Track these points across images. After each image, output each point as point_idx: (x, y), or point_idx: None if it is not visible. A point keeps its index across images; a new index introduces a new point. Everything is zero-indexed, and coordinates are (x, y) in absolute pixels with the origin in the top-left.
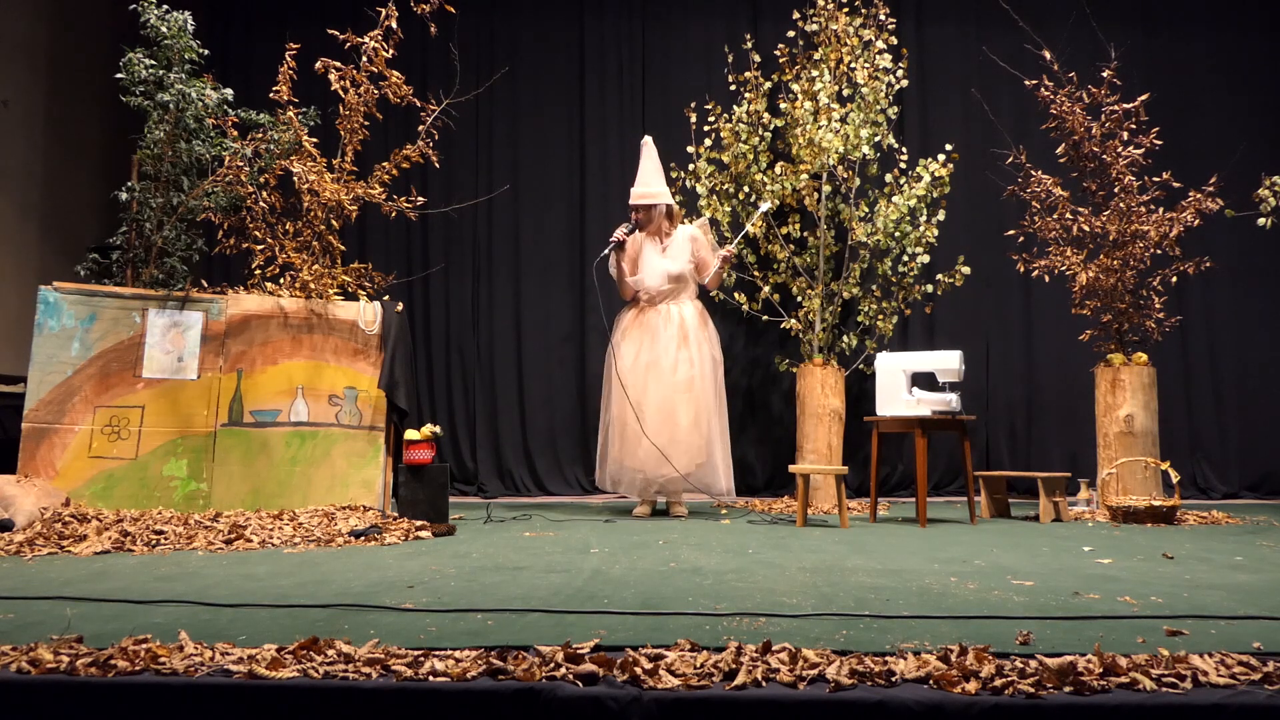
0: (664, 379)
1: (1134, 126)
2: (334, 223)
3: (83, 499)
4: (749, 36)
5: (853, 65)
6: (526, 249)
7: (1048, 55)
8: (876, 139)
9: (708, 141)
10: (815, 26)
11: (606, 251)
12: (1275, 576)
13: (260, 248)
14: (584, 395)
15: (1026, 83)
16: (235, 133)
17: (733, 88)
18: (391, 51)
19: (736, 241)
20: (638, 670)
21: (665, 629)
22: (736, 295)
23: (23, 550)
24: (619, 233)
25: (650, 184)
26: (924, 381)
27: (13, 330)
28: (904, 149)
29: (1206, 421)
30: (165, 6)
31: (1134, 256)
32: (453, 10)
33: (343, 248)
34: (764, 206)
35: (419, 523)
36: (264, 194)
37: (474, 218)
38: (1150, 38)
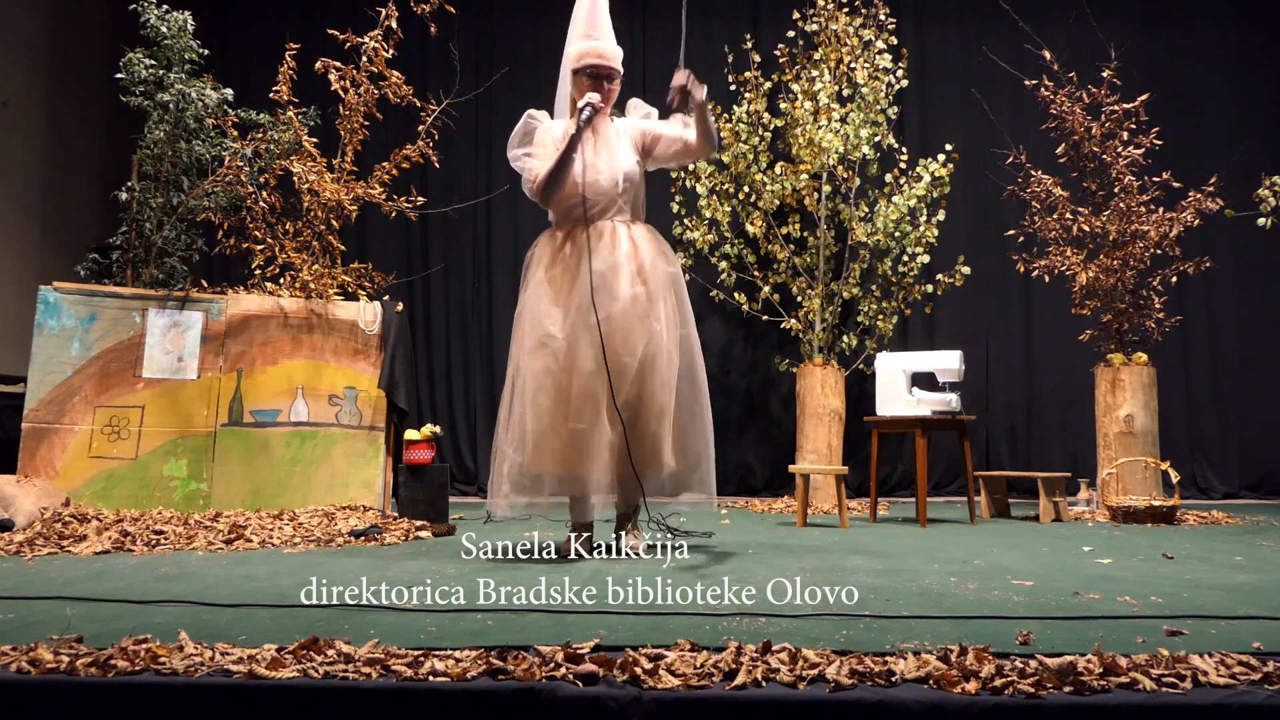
0: (623, 329)
1: (1134, 126)
2: (334, 223)
3: (83, 499)
4: (749, 36)
5: (853, 65)
6: (526, 249)
7: (1048, 55)
8: (876, 139)
9: None
10: (815, 26)
11: (586, 117)
12: (1275, 576)
13: (260, 248)
14: None
15: (1026, 83)
16: (235, 133)
17: (733, 88)
18: (391, 51)
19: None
20: (638, 670)
21: (665, 629)
22: (736, 295)
23: (23, 550)
24: (594, 99)
25: (614, 44)
26: (924, 381)
27: (13, 330)
28: (904, 149)
29: (1206, 421)
30: (165, 6)
31: (1134, 256)
32: (453, 10)
33: (343, 248)
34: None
35: (419, 523)
36: (264, 194)
37: (474, 218)
38: (1150, 37)
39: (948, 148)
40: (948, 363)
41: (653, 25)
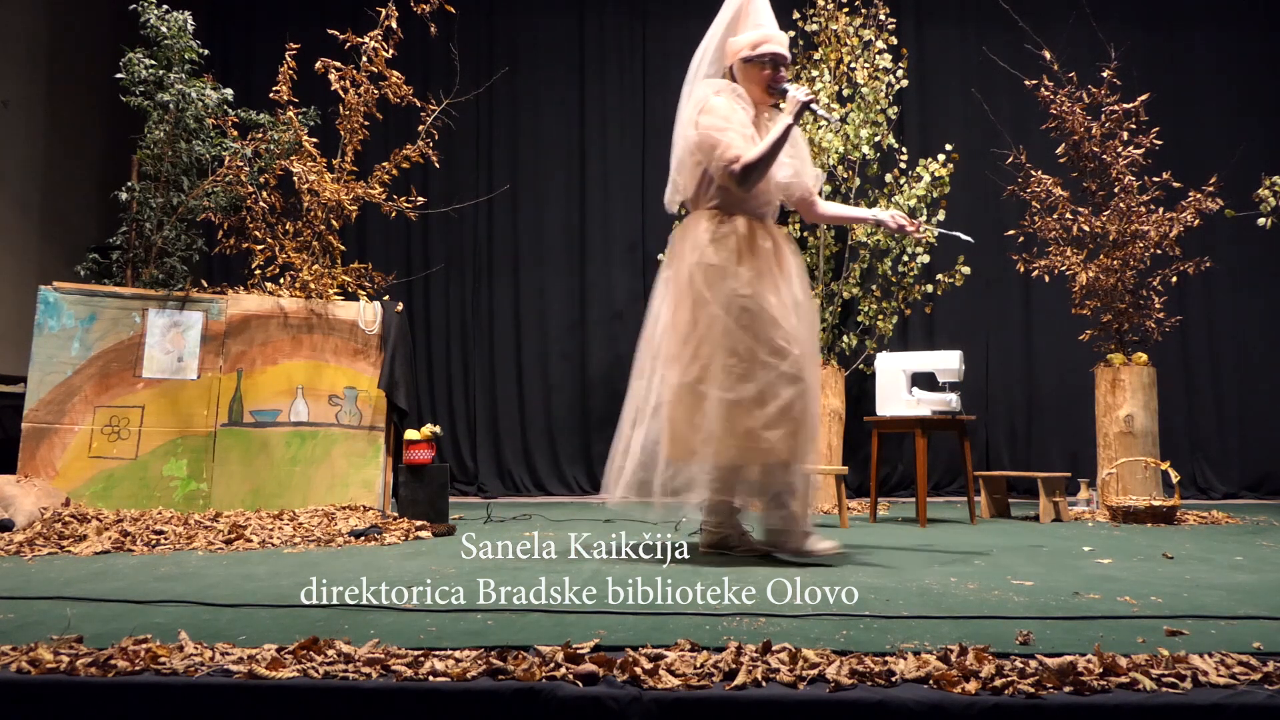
0: (805, 335)
1: (1134, 126)
2: (334, 223)
3: (83, 499)
4: None
5: (853, 65)
6: (526, 249)
7: (1048, 55)
8: (876, 139)
9: None
10: (815, 26)
11: (817, 112)
12: (1275, 576)
13: (260, 248)
14: (584, 396)
15: (1026, 83)
16: (235, 133)
17: None
18: (391, 51)
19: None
20: (638, 670)
21: (665, 629)
22: None
23: (23, 550)
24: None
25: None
26: (924, 381)
27: (13, 330)
28: (904, 149)
29: (1206, 421)
30: (165, 6)
31: (1134, 256)
32: (453, 10)
33: (343, 248)
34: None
35: (419, 523)
36: (264, 194)
37: (474, 217)
38: (1150, 37)
39: (948, 148)
40: (948, 363)
41: (652, 30)
